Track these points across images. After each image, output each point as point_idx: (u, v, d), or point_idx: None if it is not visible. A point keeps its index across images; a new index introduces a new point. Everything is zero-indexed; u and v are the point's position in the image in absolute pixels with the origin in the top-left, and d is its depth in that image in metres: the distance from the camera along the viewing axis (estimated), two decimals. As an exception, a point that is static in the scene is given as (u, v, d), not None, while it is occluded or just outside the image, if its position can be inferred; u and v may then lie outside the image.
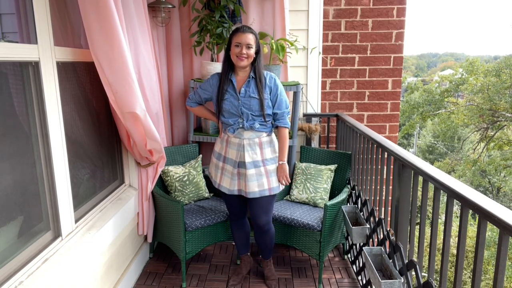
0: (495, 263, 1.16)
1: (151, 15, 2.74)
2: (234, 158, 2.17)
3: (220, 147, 2.25)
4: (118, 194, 2.37)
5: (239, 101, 2.10)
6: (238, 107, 2.10)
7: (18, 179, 1.50)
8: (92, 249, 1.85)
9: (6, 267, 1.39)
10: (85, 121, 2.03)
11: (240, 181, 2.18)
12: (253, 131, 2.14)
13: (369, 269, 1.89)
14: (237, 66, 2.09)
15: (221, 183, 2.24)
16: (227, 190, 2.21)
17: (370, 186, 2.41)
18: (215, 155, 2.29)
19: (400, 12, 3.28)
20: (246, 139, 2.14)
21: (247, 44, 2.02)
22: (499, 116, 13.10)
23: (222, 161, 2.23)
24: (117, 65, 1.78)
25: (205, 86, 2.23)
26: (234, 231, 2.46)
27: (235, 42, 2.04)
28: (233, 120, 2.14)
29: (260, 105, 2.08)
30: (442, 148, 19.43)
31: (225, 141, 2.21)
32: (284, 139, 2.18)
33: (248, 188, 2.14)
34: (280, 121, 2.17)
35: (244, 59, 2.03)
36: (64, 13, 1.86)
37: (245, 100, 2.10)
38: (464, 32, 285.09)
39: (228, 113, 2.13)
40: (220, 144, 2.26)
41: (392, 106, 3.46)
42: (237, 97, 2.10)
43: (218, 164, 2.25)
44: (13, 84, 1.47)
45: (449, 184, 1.42)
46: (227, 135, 2.20)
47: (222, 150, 2.23)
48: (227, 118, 2.15)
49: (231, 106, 2.11)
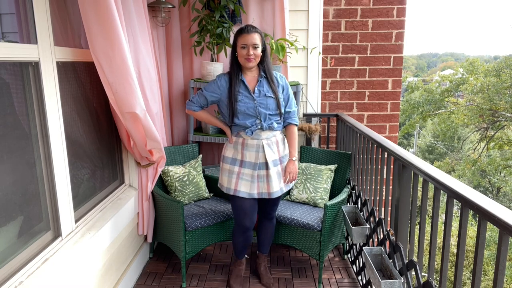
0: (495, 263, 1.16)
1: (151, 15, 2.74)
2: (254, 161, 2.11)
3: (234, 152, 2.15)
4: (118, 194, 2.37)
5: (254, 101, 2.06)
6: (255, 107, 2.06)
7: (18, 179, 1.50)
8: (92, 249, 1.85)
9: (6, 267, 1.39)
10: (85, 121, 2.03)
11: (259, 184, 2.13)
12: (270, 130, 2.12)
13: (369, 269, 1.89)
14: (245, 67, 2.07)
15: (237, 188, 2.12)
16: (247, 194, 2.12)
17: (370, 186, 2.41)
18: (228, 161, 2.17)
19: (400, 12, 3.28)
20: (264, 139, 2.11)
21: (254, 45, 2.00)
22: (499, 116, 13.10)
23: (239, 166, 2.13)
24: (117, 65, 1.78)
25: (212, 88, 2.12)
26: (238, 241, 2.36)
27: (241, 44, 2.01)
28: (250, 121, 2.07)
29: (276, 104, 2.09)
30: (442, 148, 19.42)
31: (241, 145, 2.12)
32: (295, 136, 2.23)
33: (271, 189, 2.13)
34: (292, 119, 2.21)
35: (252, 60, 2.02)
36: (64, 13, 1.86)
37: (261, 100, 2.07)
38: (464, 32, 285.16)
39: (244, 114, 2.07)
40: (233, 149, 2.16)
41: (392, 106, 3.46)
42: (251, 97, 2.07)
43: (233, 169, 2.14)
44: (13, 84, 1.47)
45: (449, 184, 1.42)
46: (242, 138, 2.12)
47: (237, 154, 2.14)
48: (242, 120, 2.08)
49: (246, 108, 2.06)
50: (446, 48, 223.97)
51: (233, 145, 2.17)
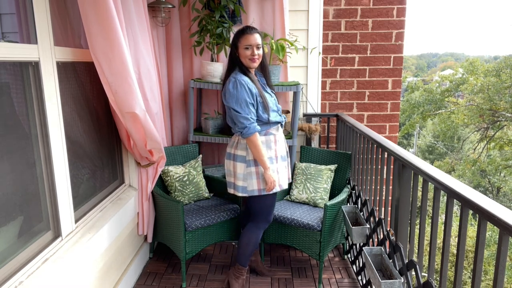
0: (495, 263, 1.16)
1: (151, 15, 2.74)
2: (284, 153, 2.25)
3: (268, 151, 2.12)
4: (118, 194, 2.37)
5: (272, 97, 2.18)
6: (275, 102, 2.18)
7: (18, 179, 1.50)
8: (92, 249, 1.85)
9: (6, 267, 1.39)
10: (85, 121, 2.03)
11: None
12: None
13: (369, 269, 1.89)
14: (250, 68, 2.11)
15: (281, 183, 2.18)
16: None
17: (370, 186, 2.42)
18: None
19: (400, 12, 3.28)
20: (280, 132, 2.23)
21: (257, 45, 2.04)
22: (499, 116, 13.11)
23: (276, 162, 2.17)
24: (116, 65, 1.78)
25: (250, 99, 2.00)
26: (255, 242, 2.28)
27: (244, 45, 2.02)
28: (279, 117, 2.18)
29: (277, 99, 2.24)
30: (442, 148, 19.42)
31: (273, 142, 2.15)
32: None
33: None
34: None
35: (256, 60, 2.07)
36: (64, 13, 1.86)
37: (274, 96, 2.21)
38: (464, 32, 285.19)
39: (272, 111, 2.12)
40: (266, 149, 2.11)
41: (392, 106, 3.46)
42: (269, 94, 2.16)
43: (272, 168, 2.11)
44: (13, 84, 1.47)
45: (449, 184, 1.42)
46: (273, 134, 2.15)
47: (272, 152, 2.14)
48: (275, 116, 2.14)
49: (272, 104, 2.13)
50: (446, 48, 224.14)
51: (266, 145, 2.11)
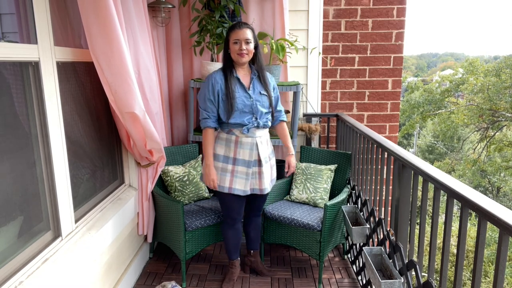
0: (495, 263, 1.16)
1: (151, 15, 2.74)
2: (247, 158, 2.11)
3: (226, 149, 2.13)
4: (118, 194, 2.37)
5: (251, 98, 2.08)
6: (251, 105, 2.08)
7: (18, 179, 1.50)
8: (92, 249, 1.85)
9: (6, 267, 1.39)
10: (85, 121, 2.03)
11: (253, 180, 2.18)
12: (264, 128, 2.17)
13: (369, 269, 1.89)
14: (238, 64, 2.08)
15: (232, 186, 2.14)
16: (242, 192, 2.14)
17: (370, 186, 2.41)
18: (220, 159, 2.14)
19: (400, 12, 3.28)
20: (258, 137, 2.13)
21: (246, 40, 2.01)
22: (499, 116, 13.10)
23: (232, 164, 2.13)
24: (116, 65, 1.78)
25: (209, 95, 2.06)
26: (229, 237, 2.38)
27: (233, 40, 2.02)
28: (247, 119, 2.08)
29: (269, 102, 2.14)
30: (442, 148, 19.42)
31: (234, 142, 2.11)
32: (287, 132, 2.34)
33: (263, 185, 2.19)
34: (283, 117, 2.31)
35: (245, 55, 2.03)
36: (64, 13, 1.86)
37: (257, 98, 2.10)
38: (464, 32, 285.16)
39: (241, 112, 2.06)
40: (224, 147, 2.14)
41: (392, 106, 3.46)
42: (247, 95, 2.08)
43: (226, 167, 2.14)
44: (13, 84, 1.47)
45: (449, 184, 1.42)
46: (236, 135, 2.11)
47: (230, 152, 2.13)
48: (239, 118, 2.06)
49: (244, 105, 2.06)
50: (446, 48, 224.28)
51: (225, 143, 2.14)
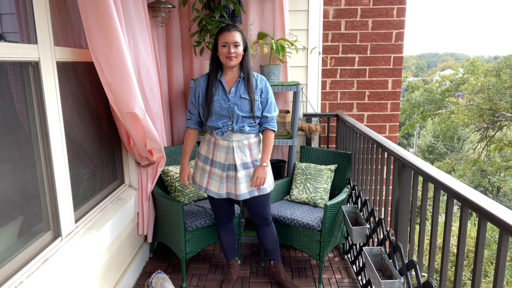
0: (495, 263, 1.16)
1: (151, 15, 2.74)
2: (223, 161, 2.10)
3: (207, 150, 2.15)
4: (118, 194, 2.37)
5: (229, 102, 2.04)
6: (228, 108, 2.03)
7: (18, 179, 1.50)
8: (92, 249, 1.85)
9: (6, 267, 1.39)
10: (85, 121, 2.03)
11: (228, 184, 2.12)
12: (241, 133, 2.09)
13: (369, 269, 1.89)
14: (226, 67, 2.04)
15: (208, 187, 2.16)
16: (216, 194, 2.14)
17: (370, 186, 2.41)
18: (201, 159, 2.18)
19: (400, 12, 3.28)
20: (235, 141, 2.08)
21: (234, 43, 1.97)
22: (499, 116, 13.11)
23: (210, 165, 2.14)
24: (116, 65, 1.78)
25: (191, 97, 2.14)
26: (221, 236, 2.40)
27: (221, 42, 1.98)
28: (222, 122, 2.05)
29: (250, 106, 2.04)
30: (442, 148, 19.42)
31: (213, 144, 2.12)
32: (270, 141, 2.14)
33: (239, 191, 2.10)
34: (269, 124, 2.14)
35: (233, 58, 1.99)
36: (64, 13, 1.86)
37: (236, 101, 2.04)
38: (464, 32, 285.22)
39: (217, 115, 2.04)
40: (206, 147, 2.16)
41: (392, 106, 3.46)
42: (226, 98, 2.04)
43: (205, 168, 2.16)
44: (13, 84, 1.47)
45: (449, 184, 1.42)
46: (215, 137, 2.11)
47: (209, 153, 2.14)
48: (215, 121, 2.06)
49: (220, 108, 2.03)
50: (446, 48, 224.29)
51: (207, 144, 2.16)
